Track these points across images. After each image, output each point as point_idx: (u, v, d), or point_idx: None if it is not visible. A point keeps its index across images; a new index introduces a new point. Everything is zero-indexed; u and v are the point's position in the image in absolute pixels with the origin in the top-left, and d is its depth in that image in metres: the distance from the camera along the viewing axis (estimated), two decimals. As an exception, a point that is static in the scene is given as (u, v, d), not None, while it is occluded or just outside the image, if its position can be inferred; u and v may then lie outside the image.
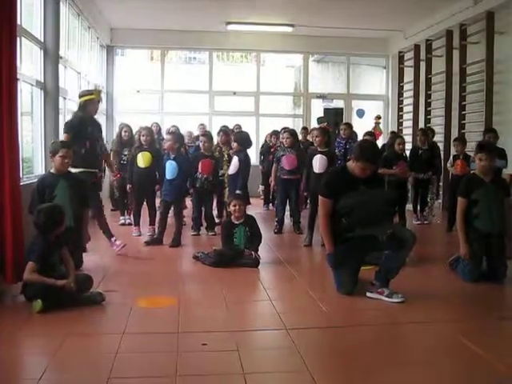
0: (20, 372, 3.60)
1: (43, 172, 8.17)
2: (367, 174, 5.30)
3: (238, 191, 8.37)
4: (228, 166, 9.18)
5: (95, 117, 7.74)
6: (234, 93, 16.32)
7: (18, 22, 7.31)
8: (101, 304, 5.01)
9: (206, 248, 7.17)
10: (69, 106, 11.00)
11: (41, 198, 5.68)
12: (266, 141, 13.00)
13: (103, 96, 15.01)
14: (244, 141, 8.95)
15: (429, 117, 13.49)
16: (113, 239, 7.27)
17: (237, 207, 6.90)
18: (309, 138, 11.97)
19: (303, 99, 16.81)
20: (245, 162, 8.92)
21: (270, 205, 12.04)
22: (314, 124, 14.35)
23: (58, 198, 5.72)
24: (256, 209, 10.89)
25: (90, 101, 7.44)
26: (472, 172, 6.38)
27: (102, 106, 14.88)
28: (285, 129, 10.25)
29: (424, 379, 3.56)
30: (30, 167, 8.81)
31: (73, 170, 6.43)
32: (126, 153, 9.48)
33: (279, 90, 17.99)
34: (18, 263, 5.21)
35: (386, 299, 5.15)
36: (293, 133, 9.21)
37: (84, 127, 7.22)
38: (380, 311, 4.98)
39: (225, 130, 10.43)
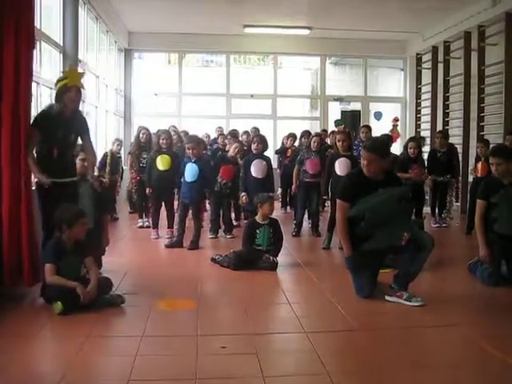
0: (40, 374, 3.62)
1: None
2: (373, 171, 5.26)
3: (270, 194, 8.35)
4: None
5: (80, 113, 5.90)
6: (252, 95, 16.36)
7: (38, 27, 7.39)
8: (120, 306, 5.04)
9: (223, 251, 7.18)
10: (87, 109, 11.08)
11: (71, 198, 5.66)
12: (283, 143, 12.98)
13: (119, 97, 15.12)
14: (267, 143, 8.92)
15: (447, 119, 13.42)
16: None
17: (268, 207, 6.98)
18: (327, 140, 11.95)
19: (320, 102, 16.78)
20: (271, 164, 8.96)
21: (288, 207, 12.03)
22: (331, 127, 14.33)
23: (79, 201, 5.74)
24: (273, 211, 10.87)
25: (63, 88, 5.44)
26: (492, 175, 6.33)
27: (120, 107, 15.02)
28: (316, 133, 10.30)
29: (443, 383, 3.54)
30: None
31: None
32: (144, 156, 9.50)
33: (296, 93, 18.00)
34: (34, 266, 5.25)
35: (405, 303, 5.13)
36: (322, 137, 9.15)
37: (51, 127, 5.39)
38: (399, 315, 4.96)
39: (234, 134, 10.51)
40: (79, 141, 5.77)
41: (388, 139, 9.33)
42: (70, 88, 5.42)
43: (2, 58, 5.09)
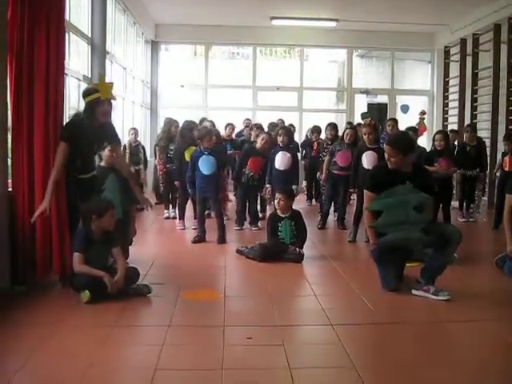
0: (68, 362, 3.65)
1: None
2: (395, 165, 5.24)
3: (294, 186, 8.32)
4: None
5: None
6: (278, 88, 16.33)
7: (67, 18, 7.44)
8: (147, 296, 5.08)
9: (249, 242, 7.19)
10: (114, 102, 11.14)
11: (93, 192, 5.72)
12: (307, 136, 12.96)
13: (146, 88, 15.19)
14: (292, 136, 8.87)
15: (475, 112, 13.28)
16: None
17: (280, 202, 6.93)
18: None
19: (347, 94, 16.71)
20: (297, 157, 8.92)
21: (313, 200, 12.01)
22: (357, 119, 14.25)
23: (107, 191, 5.81)
24: (299, 204, 10.85)
25: (96, 102, 5.38)
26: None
27: (146, 99, 15.08)
28: (350, 125, 10.28)
29: (469, 379, 3.51)
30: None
31: None
32: (171, 147, 9.51)
33: (322, 85, 17.92)
34: (63, 257, 5.31)
35: (432, 297, 5.09)
36: (356, 130, 9.11)
37: (77, 137, 5.32)
38: (425, 309, 4.94)
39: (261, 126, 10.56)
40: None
41: (414, 132, 9.23)
42: (102, 102, 5.39)
43: (34, 51, 5.14)
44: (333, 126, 10.10)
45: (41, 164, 5.18)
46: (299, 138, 14.18)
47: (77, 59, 9.08)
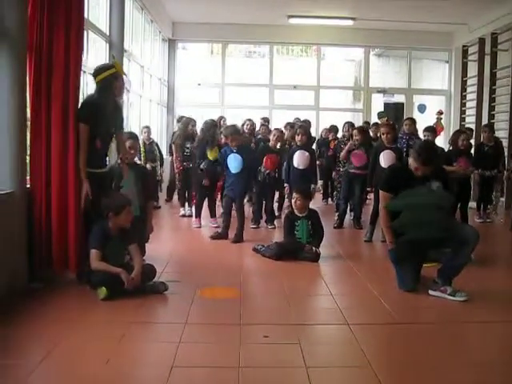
0: (85, 358, 3.67)
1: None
2: (421, 174, 5.23)
3: (312, 185, 8.37)
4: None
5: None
6: (294, 86, 16.32)
7: (86, 16, 7.48)
8: (163, 293, 5.09)
9: (265, 241, 7.20)
10: (132, 99, 11.19)
11: (108, 188, 5.75)
12: (321, 135, 12.94)
13: (163, 87, 15.25)
14: (310, 134, 8.88)
15: (493, 112, 13.18)
16: None
17: (297, 202, 6.92)
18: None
19: (363, 93, 16.68)
20: (315, 156, 8.93)
21: (329, 199, 11.99)
22: (374, 119, 14.22)
23: (124, 188, 5.82)
24: (315, 203, 10.82)
25: (112, 77, 5.39)
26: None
27: (163, 97, 15.14)
28: (357, 126, 10.32)
29: (486, 380, 3.49)
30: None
31: None
32: (188, 145, 9.51)
33: (339, 84, 17.89)
34: (80, 252, 5.33)
35: (449, 297, 5.06)
36: (362, 130, 9.07)
37: (95, 119, 5.30)
38: (443, 309, 4.91)
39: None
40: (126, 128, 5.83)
41: (432, 132, 9.14)
42: (119, 76, 5.49)
43: (53, 49, 5.17)
44: (350, 125, 10.08)
45: (58, 161, 5.21)
46: (315, 136, 14.16)
47: (95, 57, 9.11)
